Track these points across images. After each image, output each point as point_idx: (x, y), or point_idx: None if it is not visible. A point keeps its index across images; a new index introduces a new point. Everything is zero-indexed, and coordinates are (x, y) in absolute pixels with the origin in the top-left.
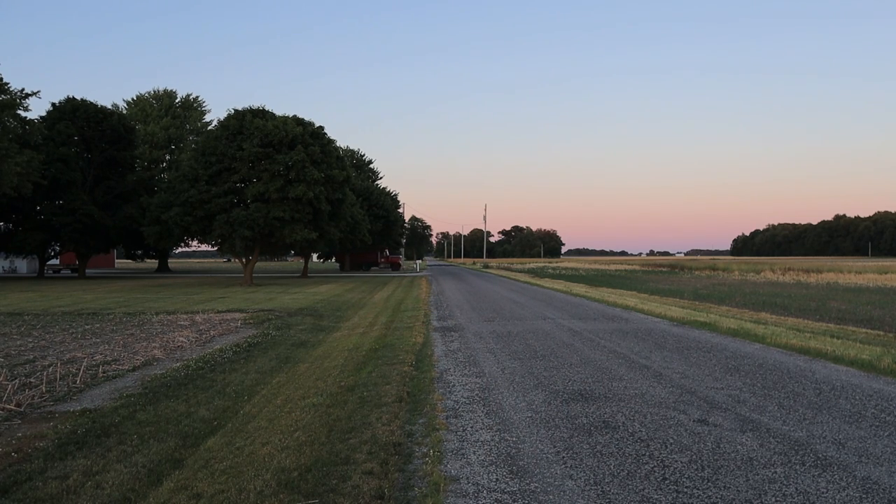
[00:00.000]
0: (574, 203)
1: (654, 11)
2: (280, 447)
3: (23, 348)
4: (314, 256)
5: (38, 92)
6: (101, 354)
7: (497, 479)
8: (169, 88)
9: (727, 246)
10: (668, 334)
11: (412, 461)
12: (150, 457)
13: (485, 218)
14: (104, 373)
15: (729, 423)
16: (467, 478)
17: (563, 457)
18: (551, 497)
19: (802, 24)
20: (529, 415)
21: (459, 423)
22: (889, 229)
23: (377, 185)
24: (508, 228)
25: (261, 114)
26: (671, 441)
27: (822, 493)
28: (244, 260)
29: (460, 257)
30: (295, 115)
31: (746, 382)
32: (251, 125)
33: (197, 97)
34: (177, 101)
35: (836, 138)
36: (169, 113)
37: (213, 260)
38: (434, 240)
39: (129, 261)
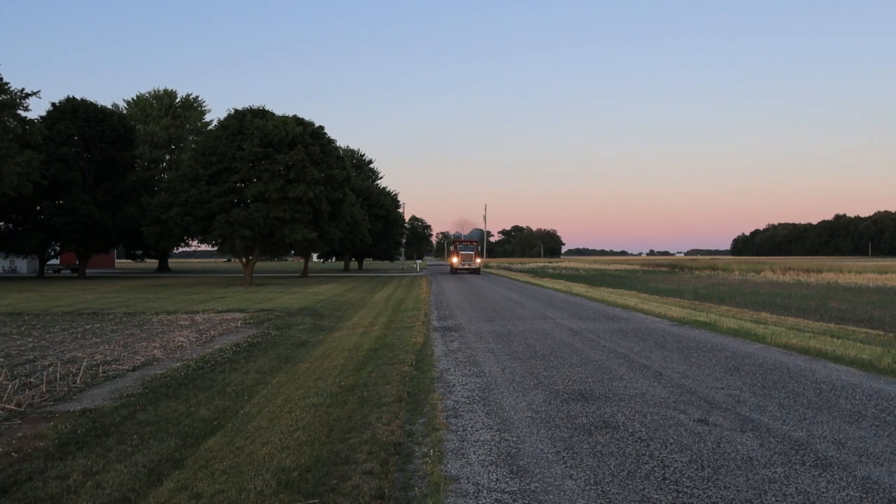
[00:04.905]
0: (574, 203)
1: (654, 11)
2: (280, 447)
3: (23, 348)
4: (314, 256)
5: (38, 92)
6: (101, 354)
7: (497, 479)
8: (169, 88)
9: (727, 246)
10: (668, 334)
11: (412, 461)
12: (150, 457)
13: (485, 218)
14: (104, 373)
15: (729, 422)
16: (467, 477)
17: (564, 456)
18: (551, 497)
19: (803, 23)
20: (529, 414)
21: (459, 423)
22: (889, 229)
23: (377, 185)
24: (508, 228)
25: (261, 114)
26: (671, 441)
27: (823, 492)
28: (244, 260)
29: None
30: (295, 115)
31: (746, 382)
32: (251, 125)
33: (197, 97)
34: (177, 101)
35: (837, 138)
36: (169, 113)
37: (213, 260)
38: (434, 239)
39: (129, 261)
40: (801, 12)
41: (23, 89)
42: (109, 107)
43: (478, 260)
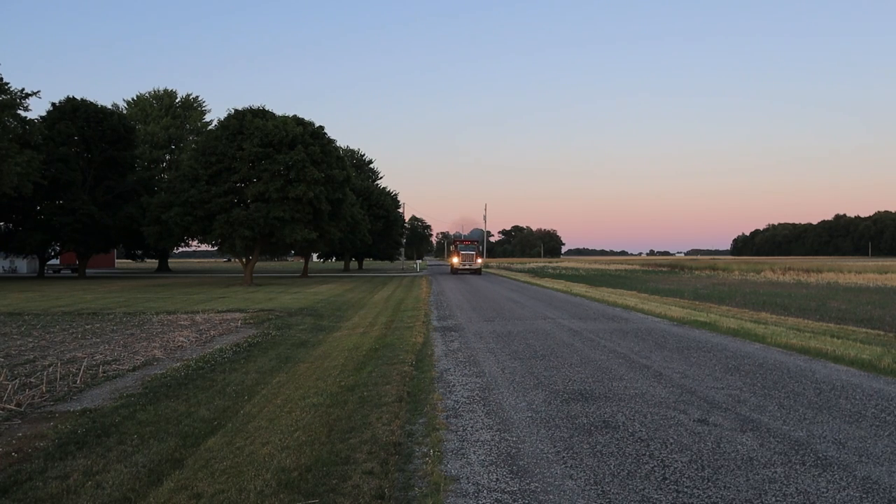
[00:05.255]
0: (574, 203)
1: (653, 11)
2: (280, 447)
3: (23, 348)
4: (314, 256)
5: (38, 92)
6: (101, 354)
7: (497, 479)
8: (169, 88)
9: (727, 246)
10: (668, 334)
11: (412, 461)
12: (150, 457)
13: (485, 218)
14: (104, 373)
15: (729, 422)
16: (467, 477)
17: (564, 456)
18: (551, 497)
19: (802, 23)
20: (529, 414)
21: (459, 423)
22: (889, 229)
23: (377, 185)
24: (508, 228)
25: (261, 114)
26: (671, 441)
27: (823, 492)
28: (244, 260)
29: None
30: (295, 115)
31: (746, 382)
32: (251, 125)
33: (197, 97)
34: (177, 101)
35: (836, 138)
36: (169, 113)
37: (213, 260)
38: (434, 240)
39: (129, 261)
40: (802, 12)
41: (23, 89)
42: (109, 107)
43: (479, 260)
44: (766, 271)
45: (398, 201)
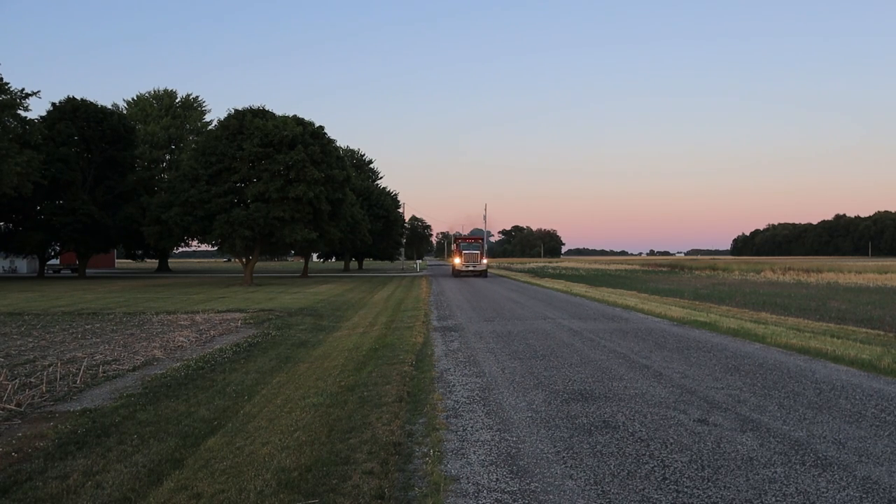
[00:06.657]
0: (574, 203)
1: (653, 11)
2: (280, 447)
3: (23, 348)
4: (314, 256)
5: (38, 92)
6: (101, 354)
7: (497, 479)
8: (169, 88)
9: (727, 246)
10: (668, 334)
11: (412, 461)
12: (150, 457)
13: (485, 218)
14: (104, 373)
15: (729, 422)
16: (467, 477)
17: (564, 456)
18: (551, 497)
19: (802, 22)
20: (529, 414)
21: (459, 423)
22: (889, 229)
23: (377, 185)
24: (508, 228)
25: (261, 114)
26: (671, 441)
27: (823, 492)
28: (244, 260)
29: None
30: (295, 115)
31: (746, 382)
32: (251, 125)
33: (197, 97)
34: (177, 101)
35: (836, 138)
36: (169, 113)
37: (213, 260)
38: (434, 240)
39: (130, 261)
40: (802, 13)
41: (23, 89)
42: (109, 107)
43: (484, 260)
44: (766, 271)
45: (398, 201)
